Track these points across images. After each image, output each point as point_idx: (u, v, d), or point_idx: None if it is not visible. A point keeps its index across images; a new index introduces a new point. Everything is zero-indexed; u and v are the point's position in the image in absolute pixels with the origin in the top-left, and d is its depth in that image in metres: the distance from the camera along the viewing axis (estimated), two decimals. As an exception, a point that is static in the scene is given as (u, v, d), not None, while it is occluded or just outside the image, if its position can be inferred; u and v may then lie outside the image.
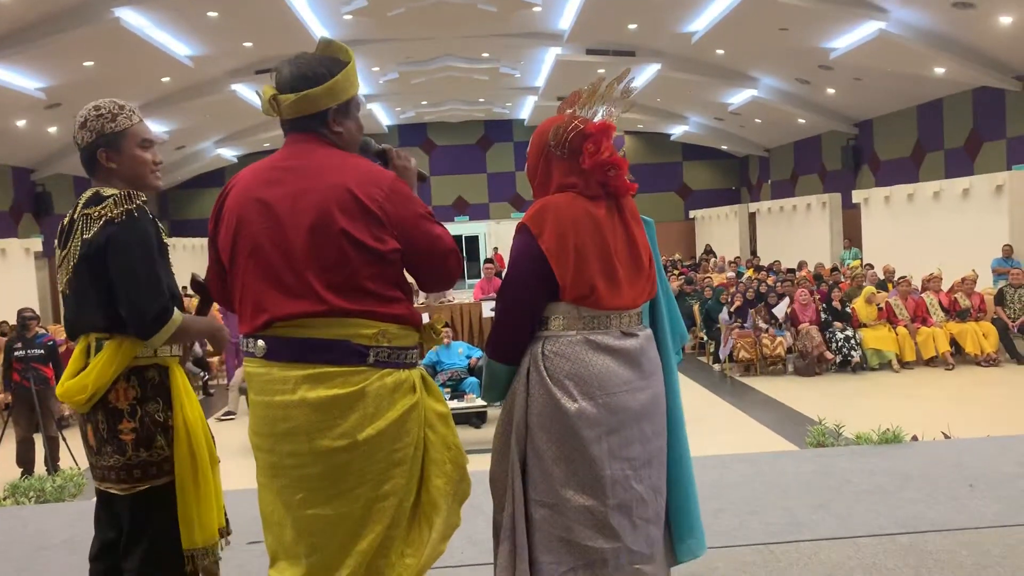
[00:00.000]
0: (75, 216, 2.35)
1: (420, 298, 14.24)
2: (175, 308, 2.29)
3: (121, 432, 2.33)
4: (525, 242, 2.17)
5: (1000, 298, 11.26)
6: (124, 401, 2.33)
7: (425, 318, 2.23)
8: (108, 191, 2.35)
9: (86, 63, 13.37)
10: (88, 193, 2.39)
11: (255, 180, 2.12)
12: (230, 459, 2.81)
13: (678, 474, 2.30)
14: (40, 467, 7.45)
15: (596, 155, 2.17)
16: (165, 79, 15.60)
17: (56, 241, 2.44)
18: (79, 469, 5.68)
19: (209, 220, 2.22)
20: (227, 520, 2.57)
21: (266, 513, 2.12)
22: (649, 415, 2.20)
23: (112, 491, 2.37)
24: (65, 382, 2.35)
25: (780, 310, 10.88)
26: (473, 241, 32.04)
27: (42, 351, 7.73)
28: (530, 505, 2.16)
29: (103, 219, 2.28)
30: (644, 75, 18.85)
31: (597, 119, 2.29)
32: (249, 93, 17.94)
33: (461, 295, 13.93)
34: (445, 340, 9.73)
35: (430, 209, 2.20)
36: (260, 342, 2.06)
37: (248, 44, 15.11)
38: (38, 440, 7.66)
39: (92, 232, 2.29)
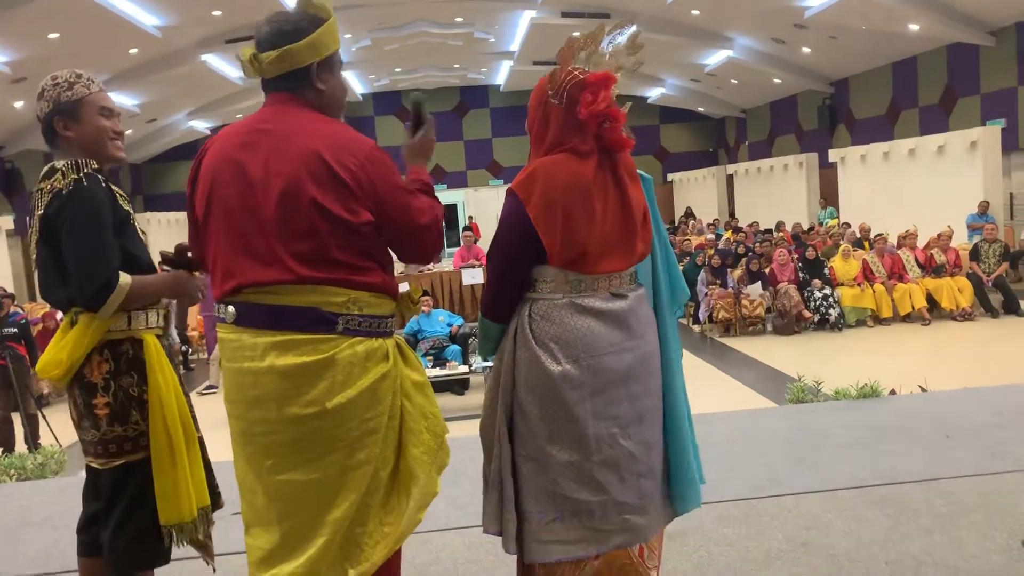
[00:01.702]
0: (33, 191, 2.35)
1: (399, 267, 14.20)
2: (120, 274, 2.23)
3: (96, 407, 2.32)
4: (513, 207, 2.16)
5: (975, 253, 11.37)
6: (98, 375, 2.32)
7: (404, 287, 2.21)
8: (58, 163, 2.32)
9: (51, 35, 13.08)
10: (46, 167, 2.35)
11: (231, 142, 2.07)
12: (214, 431, 2.80)
13: (675, 430, 2.30)
14: (21, 445, 7.40)
15: (593, 105, 2.13)
16: (133, 51, 15.29)
17: (28, 217, 2.42)
18: (60, 447, 5.65)
19: (187, 181, 2.17)
20: (219, 493, 2.56)
21: (240, 480, 2.10)
22: (638, 375, 2.20)
23: (93, 465, 2.38)
24: (44, 357, 2.34)
25: (755, 290, 10.92)
26: (451, 209, 31.86)
27: (15, 329, 7.65)
28: (517, 458, 2.19)
29: (52, 192, 2.26)
30: (619, 39, 18.68)
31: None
32: (220, 63, 17.65)
33: (441, 263, 13.89)
34: (424, 309, 9.72)
35: (427, 180, 2.21)
36: (230, 308, 2.03)
37: (217, 13, 14.80)
38: (18, 420, 7.60)
39: (44, 206, 2.27)
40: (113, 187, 2.36)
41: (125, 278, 2.23)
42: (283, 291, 1.98)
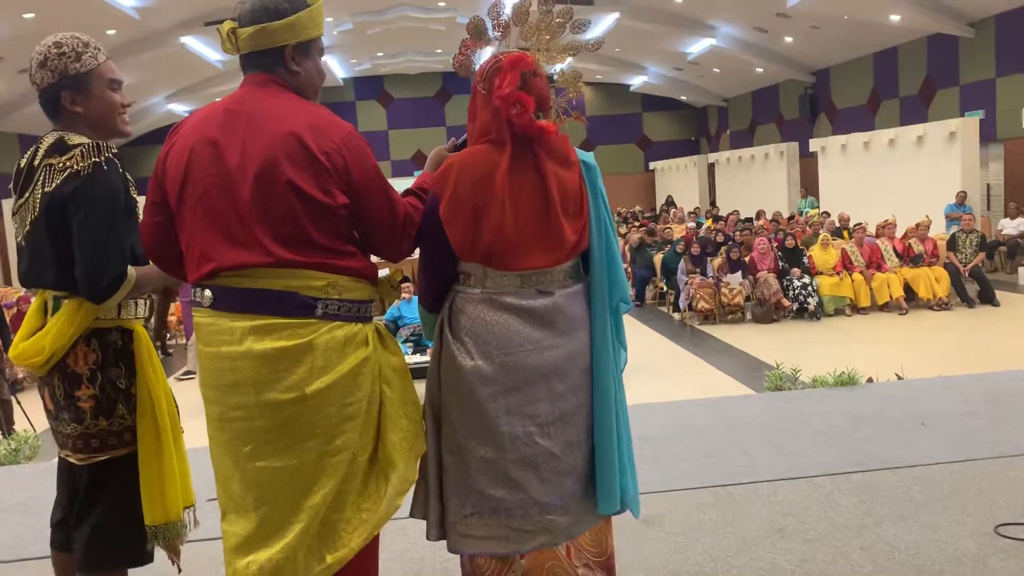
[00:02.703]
0: (36, 164, 2.18)
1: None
2: (129, 267, 2.16)
3: (79, 399, 2.21)
4: (429, 203, 2.13)
5: (952, 243, 11.48)
6: (84, 365, 2.21)
7: (384, 272, 2.19)
8: (75, 139, 2.17)
9: (26, 15, 12.88)
10: (50, 138, 2.20)
11: (207, 122, 2.01)
12: (192, 418, 2.77)
13: (599, 431, 2.20)
14: (-5, 431, 7.31)
15: (499, 89, 2.06)
16: (110, 32, 15.07)
17: (12, 186, 2.26)
18: (35, 432, 5.59)
19: (157, 160, 2.08)
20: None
21: (216, 466, 2.06)
22: (561, 373, 2.13)
23: (71, 460, 2.27)
24: (19, 343, 2.22)
25: (735, 279, 10.97)
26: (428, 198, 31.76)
27: (-9, 314, 7.54)
28: (443, 450, 2.17)
29: (67, 171, 2.11)
30: (603, 24, 18.66)
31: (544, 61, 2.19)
32: (199, 46, 17.45)
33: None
34: (405, 295, 9.69)
35: (424, 184, 2.21)
36: (207, 291, 1.99)
37: (195, -7, 14.65)
38: (-8, 404, 7.51)
39: (55, 184, 2.12)
40: (127, 175, 2.25)
41: (131, 271, 2.17)
42: (261, 274, 1.93)
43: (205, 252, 1.97)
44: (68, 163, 2.12)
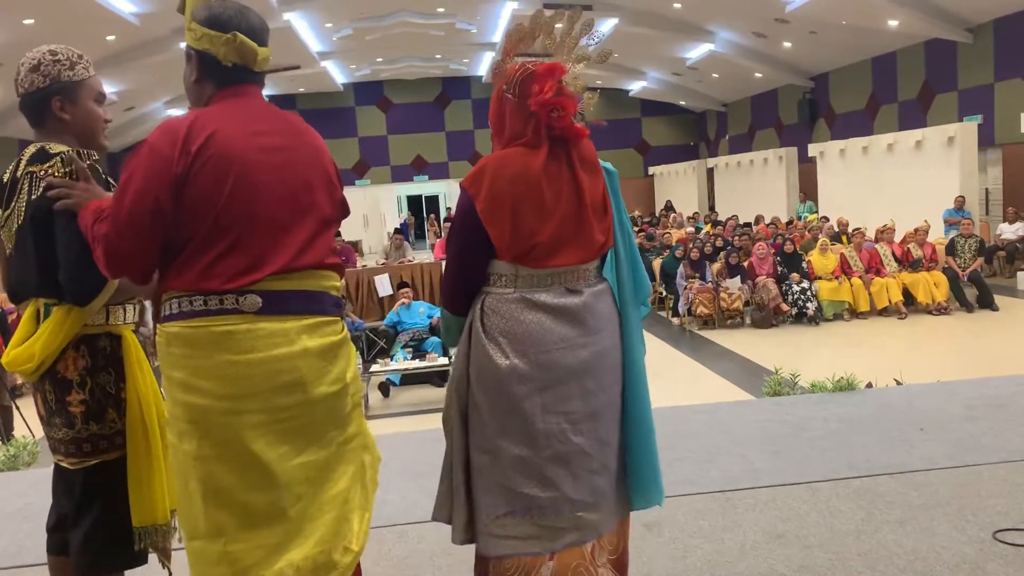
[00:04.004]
0: (18, 174, 2.20)
1: (380, 257, 14.15)
2: None
3: (70, 404, 2.23)
4: (464, 203, 2.18)
5: (951, 248, 11.48)
6: (73, 371, 2.23)
7: (386, 280, 2.30)
8: (56, 147, 2.20)
9: (27, 21, 12.89)
10: (32, 148, 2.22)
11: (243, 130, 2.00)
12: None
13: (636, 427, 2.29)
14: (-6, 437, 7.30)
15: (540, 95, 2.14)
16: (110, 37, 15.11)
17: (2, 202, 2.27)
18: (34, 438, 5.58)
19: (157, 168, 1.91)
20: None
21: (220, 488, 1.95)
22: (593, 371, 2.19)
23: (63, 464, 2.28)
24: (11, 350, 2.23)
25: (734, 283, 10.98)
26: (433, 200, 31.82)
27: (-9, 320, 7.54)
28: (472, 450, 2.21)
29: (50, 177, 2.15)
30: (601, 30, 18.67)
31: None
32: (198, 51, 17.45)
33: (421, 255, 13.86)
34: (404, 300, 9.69)
35: None
36: (254, 297, 1.96)
37: (195, 0, 14.65)
38: (-9, 410, 7.50)
39: (38, 192, 2.15)
40: (110, 180, 2.27)
41: None
42: (312, 276, 2.07)
43: (259, 257, 1.97)
44: (50, 171, 2.16)
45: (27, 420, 7.22)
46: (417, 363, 8.43)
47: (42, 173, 2.16)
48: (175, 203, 1.92)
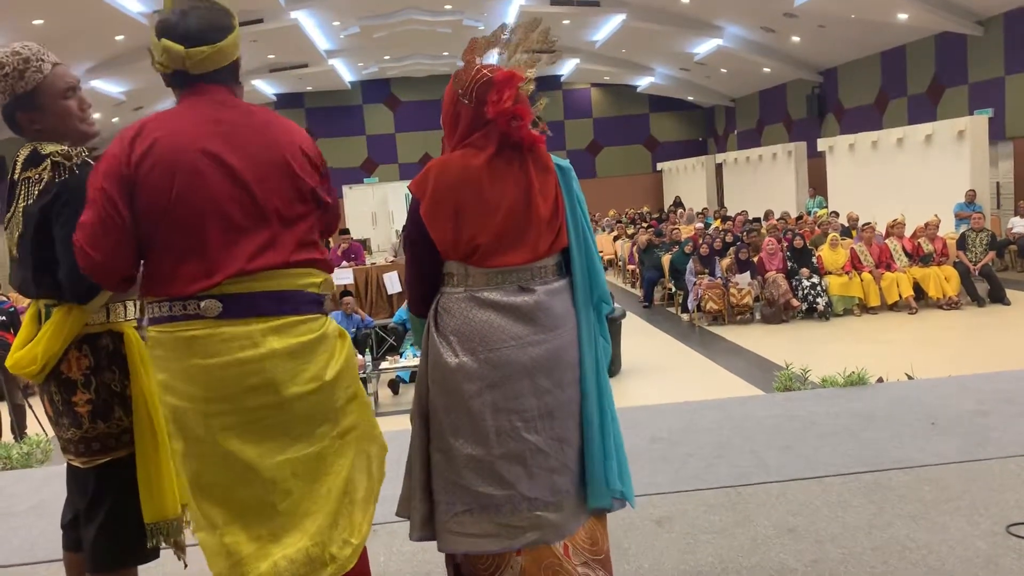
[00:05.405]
0: (16, 178, 2.22)
1: (389, 254, 14.17)
2: None
3: (76, 404, 2.23)
4: (412, 207, 2.24)
5: (962, 242, 11.42)
6: (77, 371, 2.23)
7: (395, 277, 2.29)
8: (47, 148, 2.20)
9: (36, 22, 12.95)
10: (25, 151, 2.23)
11: (196, 132, 2.00)
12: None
13: (584, 428, 2.26)
14: (7, 435, 7.35)
15: (499, 104, 2.15)
16: (119, 37, 15.15)
17: (5, 204, 2.30)
18: (47, 436, 5.61)
19: (112, 174, 1.95)
20: None
21: (207, 483, 2.02)
22: (546, 368, 2.18)
23: (74, 464, 2.30)
24: (15, 352, 2.24)
25: (744, 278, 10.96)
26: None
27: (3, 318, 7.59)
28: (431, 448, 2.24)
29: (43, 181, 2.15)
30: (609, 26, 18.69)
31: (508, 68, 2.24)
32: (207, 50, 17.49)
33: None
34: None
35: None
36: (212, 302, 1.98)
37: (203, -1, 14.69)
38: (4, 408, 7.55)
39: (34, 196, 2.16)
40: None
41: None
42: (279, 275, 2.03)
43: (214, 262, 1.97)
44: (43, 174, 2.16)
45: (40, 418, 7.27)
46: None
47: (36, 177, 2.17)
48: (131, 208, 1.96)
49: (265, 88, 24.73)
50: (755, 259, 11.30)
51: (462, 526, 2.16)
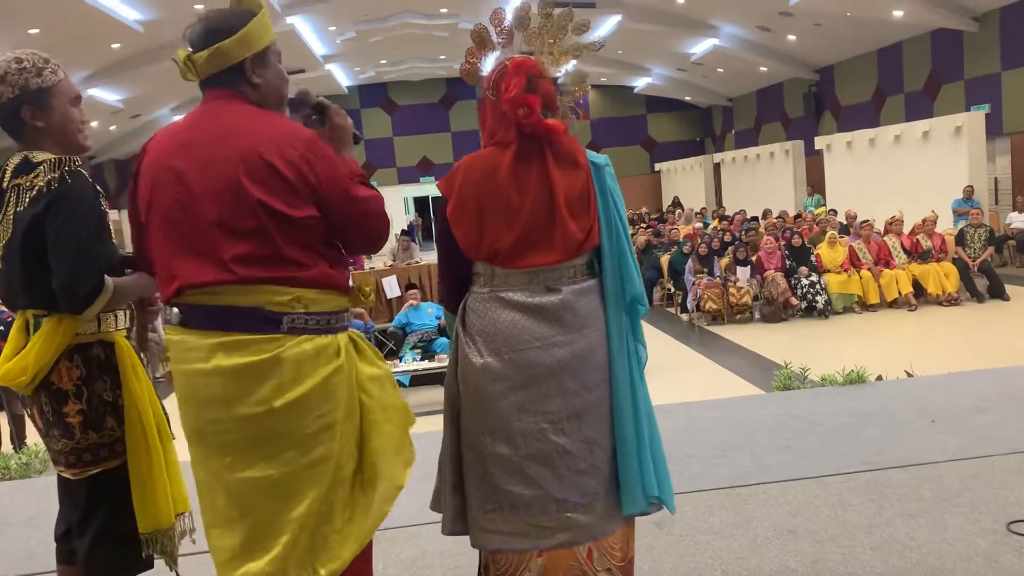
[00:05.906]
0: (4, 186, 2.20)
1: (388, 259, 14.16)
2: (106, 277, 2.17)
3: (67, 415, 2.21)
4: (440, 206, 2.23)
5: (961, 238, 11.42)
6: (68, 382, 2.21)
7: (394, 281, 2.24)
8: (39, 156, 2.19)
9: (32, 31, 12.94)
10: (16, 159, 2.21)
11: (167, 145, 2.02)
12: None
13: (617, 430, 2.21)
14: (6, 445, 7.34)
15: (506, 92, 2.13)
16: (116, 45, 15.16)
17: None
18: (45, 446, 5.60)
19: (130, 178, 2.10)
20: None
21: (198, 481, 2.04)
22: (573, 370, 2.14)
23: (65, 475, 2.27)
24: (3, 363, 2.21)
25: (744, 274, 10.96)
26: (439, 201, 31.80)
27: (0, 327, 7.57)
28: (462, 446, 2.23)
29: (35, 189, 2.13)
30: (605, 26, 18.67)
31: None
32: (203, 57, 17.50)
33: (429, 256, 13.87)
34: (412, 302, 9.69)
35: (361, 171, 2.10)
36: (175, 309, 2.02)
37: (199, 7, 14.70)
38: (3, 419, 7.54)
39: (25, 204, 2.14)
40: (98, 186, 2.26)
41: (109, 281, 2.16)
42: (226, 291, 1.92)
43: (171, 271, 1.97)
44: (35, 181, 2.14)
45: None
46: (426, 364, 8.41)
47: (27, 184, 2.15)
48: (136, 217, 2.08)
49: (262, 94, 24.71)
50: (753, 258, 11.29)
51: (492, 523, 2.16)
